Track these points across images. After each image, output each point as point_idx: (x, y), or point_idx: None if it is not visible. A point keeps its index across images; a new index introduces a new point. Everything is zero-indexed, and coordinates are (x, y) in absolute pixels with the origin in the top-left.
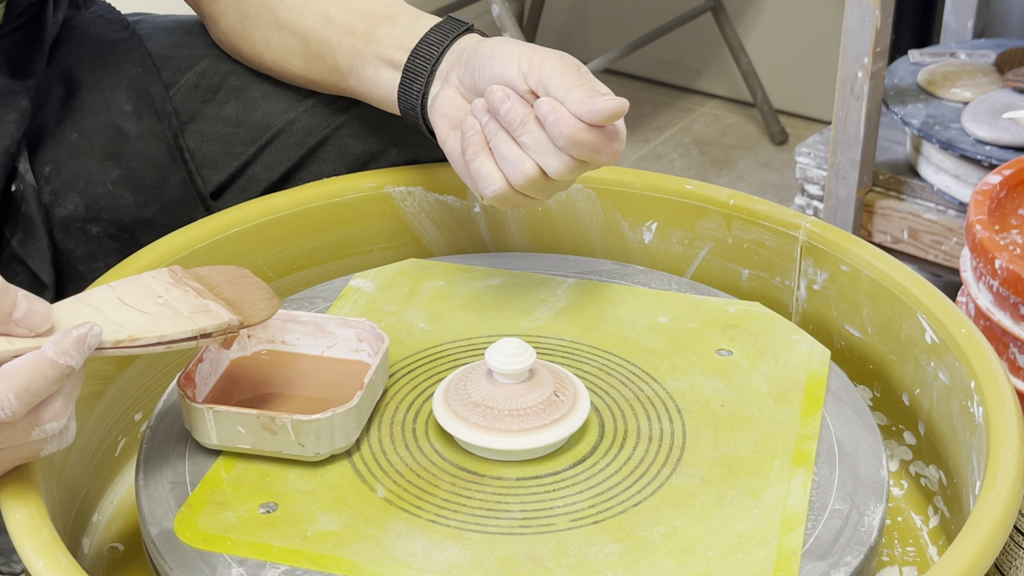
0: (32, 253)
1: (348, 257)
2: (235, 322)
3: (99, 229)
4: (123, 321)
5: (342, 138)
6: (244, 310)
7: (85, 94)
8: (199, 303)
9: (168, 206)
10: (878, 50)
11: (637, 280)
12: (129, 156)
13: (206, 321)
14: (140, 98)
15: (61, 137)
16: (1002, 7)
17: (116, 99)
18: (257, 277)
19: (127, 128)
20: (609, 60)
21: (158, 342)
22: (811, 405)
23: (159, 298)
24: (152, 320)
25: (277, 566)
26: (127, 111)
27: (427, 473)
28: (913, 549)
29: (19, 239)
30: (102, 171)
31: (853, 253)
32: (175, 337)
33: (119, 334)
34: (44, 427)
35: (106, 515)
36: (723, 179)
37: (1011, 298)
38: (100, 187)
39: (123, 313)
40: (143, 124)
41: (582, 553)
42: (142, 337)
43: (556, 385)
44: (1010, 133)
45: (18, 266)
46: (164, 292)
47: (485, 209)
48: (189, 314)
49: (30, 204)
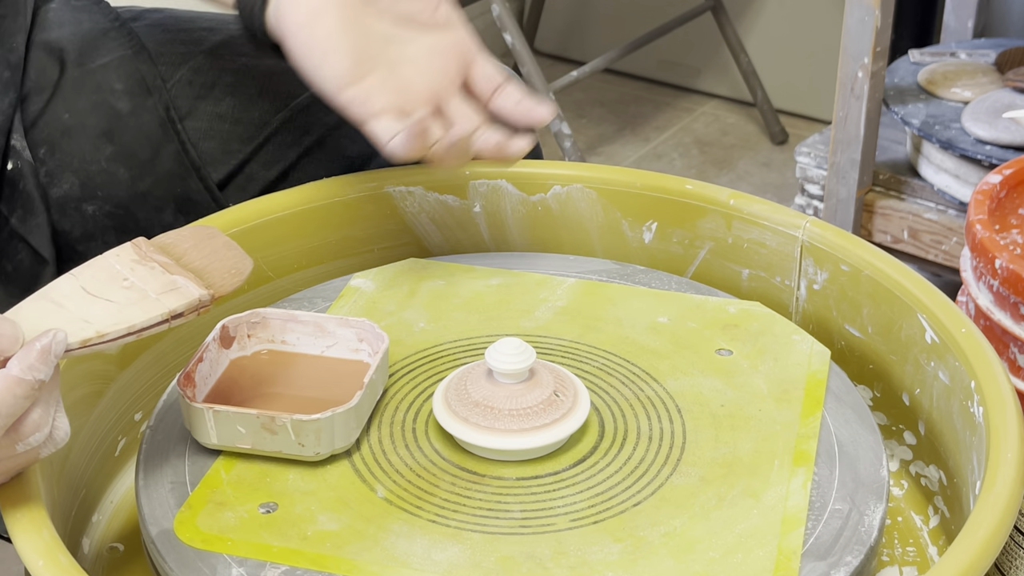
0: (32, 230)
1: (348, 257)
2: (205, 297)
3: (95, 208)
4: (89, 316)
5: (338, 138)
6: (214, 280)
7: (75, 75)
8: (167, 280)
9: (162, 178)
10: (878, 50)
11: (637, 280)
12: (122, 132)
13: (175, 302)
14: (130, 77)
15: (53, 118)
16: (1002, 7)
17: (107, 79)
18: (226, 236)
19: (119, 106)
20: (609, 60)
21: (127, 333)
22: (811, 405)
23: (124, 280)
24: (119, 309)
25: (277, 566)
26: (118, 89)
27: (427, 473)
28: (913, 549)
29: (18, 216)
30: (95, 149)
31: (853, 253)
32: (144, 325)
33: (86, 332)
34: (28, 440)
35: (106, 515)
36: (723, 179)
37: (1011, 298)
38: (94, 165)
39: (88, 306)
40: (135, 101)
41: (582, 553)
42: (110, 332)
43: (556, 385)
44: (1010, 133)
45: (19, 243)
46: (129, 272)
47: (485, 209)
48: (157, 295)
49: (28, 181)
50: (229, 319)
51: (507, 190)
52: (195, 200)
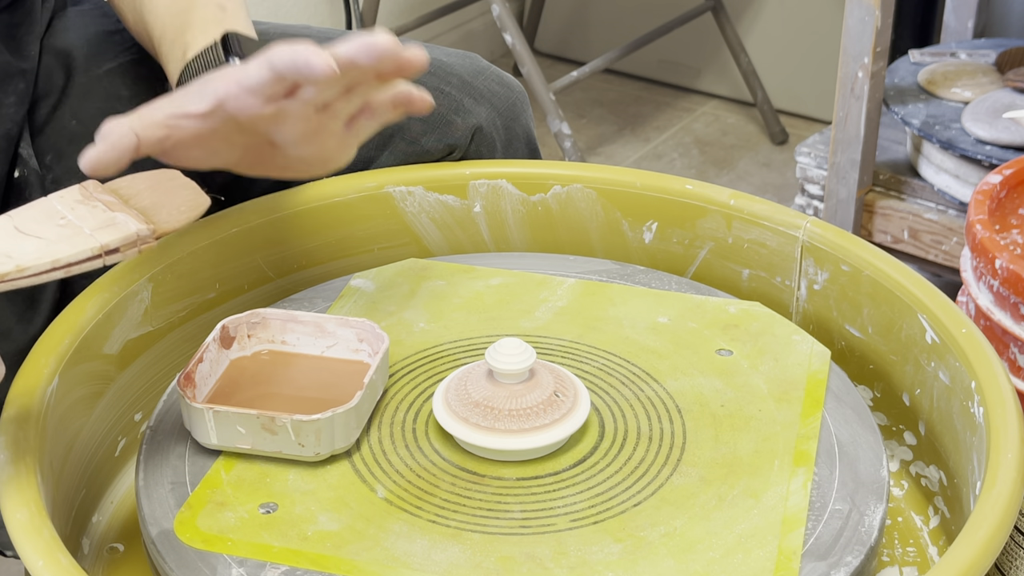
0: None
1: (348, 257)
2: (145, 231)
3: None
4: (12, 251)
5: None
6: (160, 216)
7: (82, 82)
8: (106, 217)
9: None
10: (878, 50)
11: (637, 280)
12: None
13: (109, 236)
14: (137, 83)
15: (60, 125)
16: (1002, 7)
17: (113, 85)
18: (188, 178)
19: (125, 112)
20: (609, 60)
21: (52, 268)
22: (811, 405)
23: (61, 219)
24: (47, 245)
25: (277, 566)
26: (124, 96)
27: (427, 473)
28: (913, 549)
29: None
30: None
31: (853, 253)
32: (72, 260)
33: (5, 266)
34: None
35: (106, 515)
36: (723, 179)
37: (1011, 298)
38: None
39: (16, 242)
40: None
41: (582, 553)
42: (31, 266)
43: (556, 385)
44: (1010, 133)
45: None
46: (69, 212)
47: (485, 209)
48: (92, 231)
49: (34, 189)
50: (229, 319)
51: (507, 190)
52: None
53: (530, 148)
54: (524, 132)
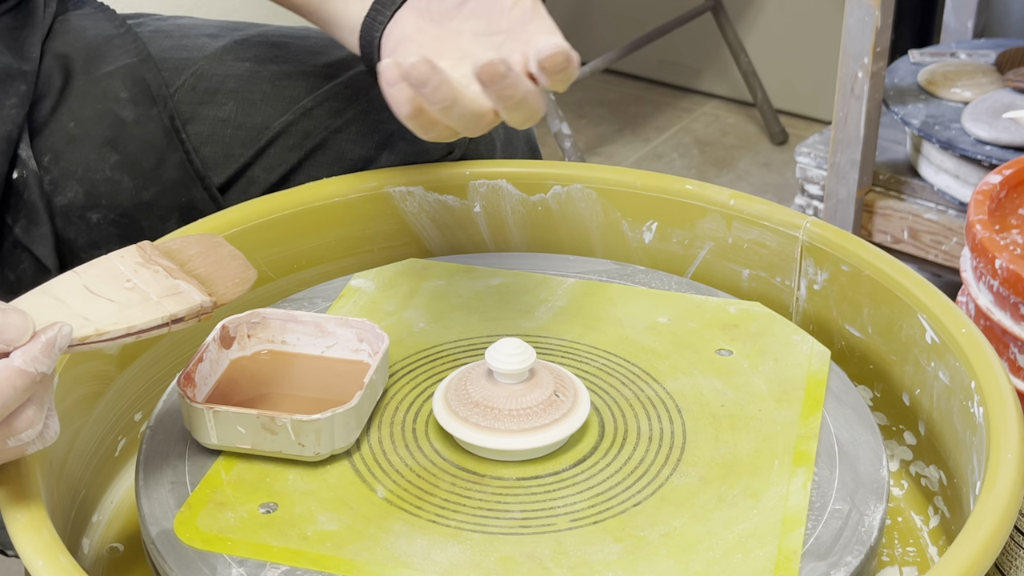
0: (35, 240)
1: (348, 257)
2: (207, 303)
3: (99, 216)
4: (89, 314)
5: (340, 142)
6: (217, 287)
7: (81, 84)
8: (169, 285)
9: (167, 188)
10: (878, 50)
11: (637, 280)
12: (127, 141)
13: (177, 306)
14: (136, 85)
15: (58, 127)
16: (1002, 7)
17: (112, 87)
18: (232, 246)
19: (124, 115)
20: (609, 60)
21: (127, 333)
22: (811, 405)
23: (127, 282)
24: (120, 309)
25: (277, 566)
26: (123, 98)
27: (427, 473)
28: (913, 549)
29: (22, 226)
30: (100, 158)
31: (853, 253)
32: (144, 327)
33: (85, 329)
34: (20, 436)
35: (106, 515)
36: (723, 179)
37: (1011, 298)
38: (99, 173)
39: (89, 304)
40: (139, 109)
41: (582, 553)
42: (109, 331)
43: (556, 385)
44: (1010, 133)
45: (22, 253)
46: (132, 274)
47: (485, 209)
48: (159, 298)
49: (32, 191)
50: (229, 319)
51: (507, 190)
52: (199, 209)
53: (530, 148)
54: (524, 132)
